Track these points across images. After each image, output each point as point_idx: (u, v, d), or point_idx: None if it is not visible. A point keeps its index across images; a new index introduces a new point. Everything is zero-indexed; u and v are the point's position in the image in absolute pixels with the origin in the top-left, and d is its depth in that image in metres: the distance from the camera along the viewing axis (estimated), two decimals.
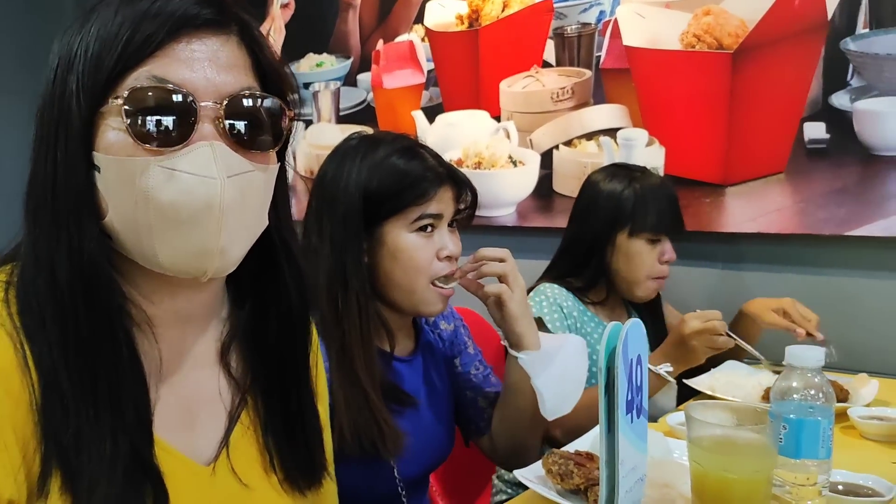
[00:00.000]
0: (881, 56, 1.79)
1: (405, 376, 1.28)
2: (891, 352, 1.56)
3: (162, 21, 0.67)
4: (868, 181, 1.82)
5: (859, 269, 1.86)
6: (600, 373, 0.77)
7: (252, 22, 0.74)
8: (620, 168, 1.74)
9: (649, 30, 2.06)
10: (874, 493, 1.05)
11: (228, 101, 0.68)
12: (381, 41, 2.52)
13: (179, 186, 0.66)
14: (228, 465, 0.77)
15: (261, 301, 0.80)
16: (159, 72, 0.66)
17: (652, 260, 1.67)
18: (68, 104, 0.67)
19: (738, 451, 0.91)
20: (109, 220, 0.68)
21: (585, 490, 1.06)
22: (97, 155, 0.67)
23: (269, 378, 0.81)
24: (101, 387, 0.66)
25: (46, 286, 0.67)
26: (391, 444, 1.15)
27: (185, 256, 0.68)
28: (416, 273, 1.19)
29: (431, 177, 1.19)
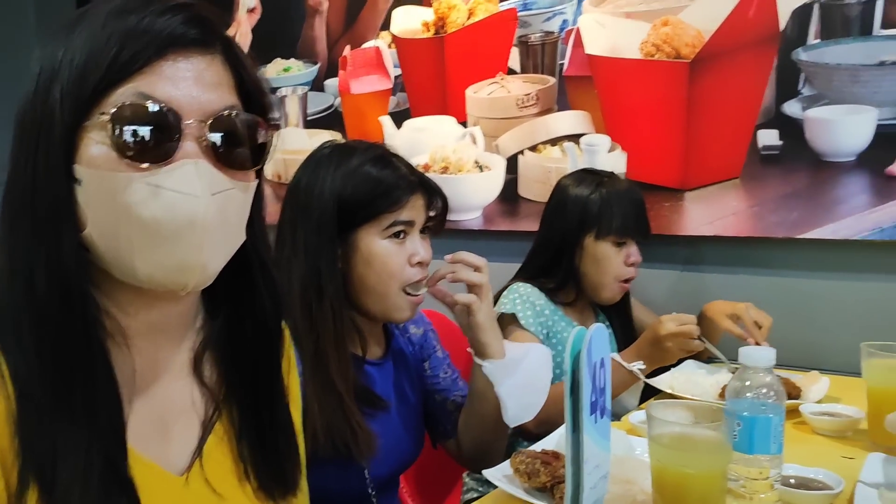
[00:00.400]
0: (831, 66, 1.86)
1: (376, 380, 1.30)
2: (841, 350, 1.63)
3: (150, 39, 0.67)
4: (818, 186, 1.89)
5: (810, 270, 1.93)
6: (566, 375, 0.81)
7: (234, 41, 0.75)
8: (589, 173, 1.79)
9: (610, 39, 2.11)
10: (824, 486, 1.09)
11: (212, 119, 0.69)
12: (349, 47, 2.54)
13: (163, 203, 0.66)
14: (202, 475, 0.77)
15: (235, 311, 0.81)
16: (146, 89, 0.67)
17: (618, 262, 1.72)
18: (51, 113, 0.67)
19: (695, 448, 0.95)
20: (88, 233, 0.68)
21: (552, 488, 1.10)
22: (78, 168, 0.67)
23: (243, 388, 0.81)
24: (75, 398, 0.66)
25: (23, 296, 0.67)
26: (364, 445, 1.18)
27: (165, 271, 0.69)
28: (389, 278, 1.22)
29: (404, 185, 1.23)
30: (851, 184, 1.85)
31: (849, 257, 1.89)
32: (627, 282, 1.75)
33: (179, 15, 0.69)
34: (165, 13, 0.69)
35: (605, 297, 1.76)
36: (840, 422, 1.41)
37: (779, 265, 1.97)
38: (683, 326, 1.52)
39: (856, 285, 1.88)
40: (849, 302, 1.88)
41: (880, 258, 1.86)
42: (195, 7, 0.72)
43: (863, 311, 1.85)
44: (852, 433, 1.39)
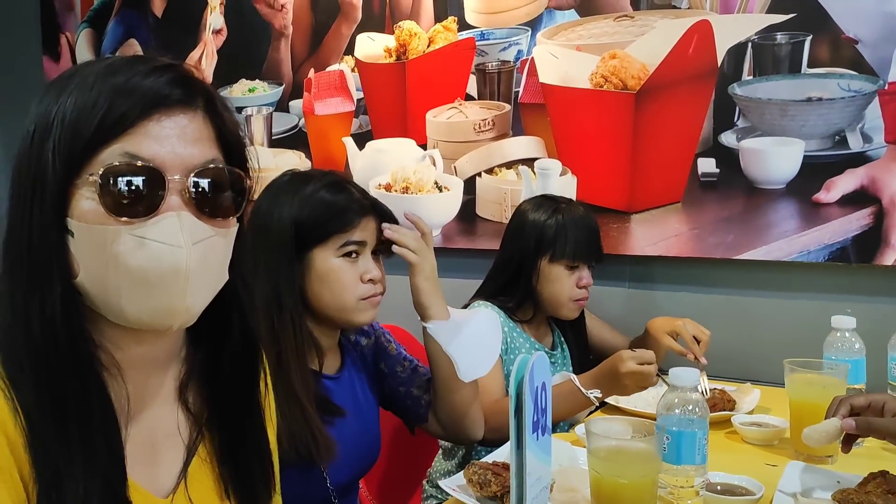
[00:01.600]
0: (763, 100, 2.00)
1: (334, 392, 1.38)
2: (772, 362, 1.73)
3: (136, 100, 0.72)
4: (752, 211, 2.02)
5: (745, 288, 2.06)
6: (511, 399, 0.92)
7: (215, 95, 0.80)
8: (547, 199, 1.89)
9: (562, 69, 2.22)
10: (747, 492, 1.20)
11: (194, 173, 0.74)
12: (313, 70, 2.61)
13: (148, 253, 0.71)
14: (186, 496, 0.82)
15: (215, 344, 0.86)
16: (131, 148, 0.71)
17: (570, 284, 1.81)
18: (44, 171, 0.71)
19: (628, 460, 1.05)
20: (81, 279, 0.73)
21: (501, 496, 1.19)
22: (71, 221, 0.72)
23: (222, 412, 0.87)
24: (72, 430, 0.71)
25: (22, 338, 0.71)
26: (323, 450, 1.26)
27: (152, 315, 0.74)
28: (342, 293, 1.32)
29: (356, 207, 1.33)
30: (782, 209, 1.99)
31: (779, 277, 2.02)
32: (581, 301, 1.86)
33: (164, 77, 0.74)
34: (150, 74, 0.74)
35: (563, 314, 1.86)
36: (767, 432, 1.52)
37: (717, 283, 2.10)
38: (643, 367, 1.54)
39: (786, 303, 2.02)
40: (780, 318, 2.02)
41: (808, 278, 2.00)
42: (178, 68, 0.77)
43: (791, 327, 1.98)
44: (778, 442, 1.50)
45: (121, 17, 2.97)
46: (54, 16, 3.13)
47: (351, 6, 2.54)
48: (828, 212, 1.95)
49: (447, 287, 2.34)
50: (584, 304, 1.88)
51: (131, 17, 2.93)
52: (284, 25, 2.65)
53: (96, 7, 3.03)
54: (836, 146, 1.94)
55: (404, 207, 1.43)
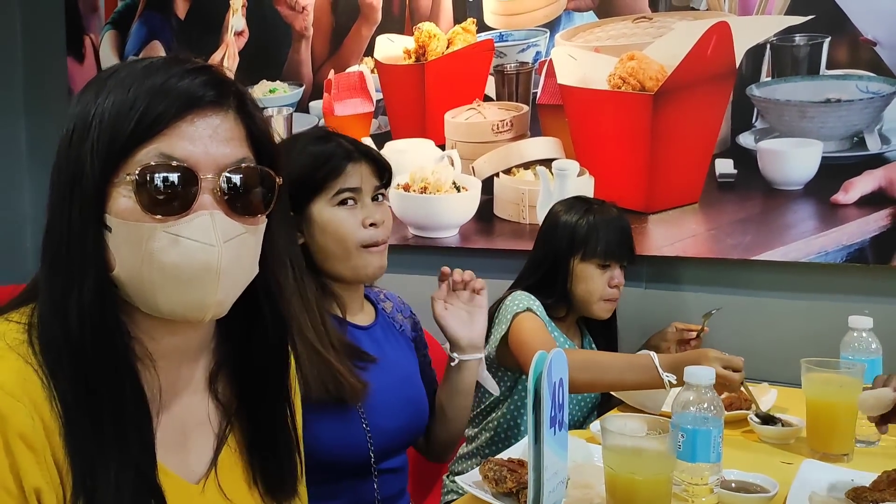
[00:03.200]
0: (781, 102, 2.00)
1: (363, 341, 1.37)
2: (788, 363, 1.72)
3: (171, 101, 0.75)
4: (770, 212, 2.02)
5: (762, 289, 2.07)
6: (529, 394, 0.93)
7: (247, 95, 0.83)
8: (580, 200, 1.93)
9: (580, 71, 2.23)
10: (762, 490, 1.20)
11: (226, 173, 0.77)
12: (333, 71, 2.64)
13: (182, 251, 0.75)
14: (216, 483, 0.85)
15: (245, 336, 0.89)
16: (166, 149, 0.75)
17: (602, 283, 1.84)
18: (82, 170, 0.74)
19: (643, 457, 1.05)
20: (117, 273, 0.76)
21: (517, 492, 1.20)
22: (109, 217, 0.75)
23: (251, 404, 0.90)
24: (105, 418, 0.74)
25: (61, 329, 0.74)
26: (350, 388, 1.25)
27: (184, 308, 0.77)
28: (345, 240, 1.32)
29: (342, 153, 1.32)
30: (800, 210, 1.99)
31: (797, 278, 2.02)
32: (612, 301, 1.88)
33: (197, 79, 0.78)
34: (185, 76, 0.77)
35: (594, 313, 1.89)
36: (783, 430, 1.52)
37: (734, 284, 2.10)
38: (726, 373, 1.50)
39: (803, 304, 2.02)
40: (797, 319, 2.01)
41: (825, 279, 2.00)
42: (211, 69, 0.80)
43: (808, 328, 1.98)
44: (795, 441, 1.50)
45: (144, 19, 3.01)
46: (79, 18, 3.18)
47: (371, 8, 2.56)
48: (846, 213, 1.95)
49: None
50: (615, 304, 1.90)
51: (155, 19, 2.98)
52: (305, 27, 2.68)
53: (120, 9, 3.07)
54: (854, 147, 1.94)
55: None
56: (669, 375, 1.54)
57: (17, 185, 3.29)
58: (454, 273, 1.46)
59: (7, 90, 3.29)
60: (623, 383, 1.61)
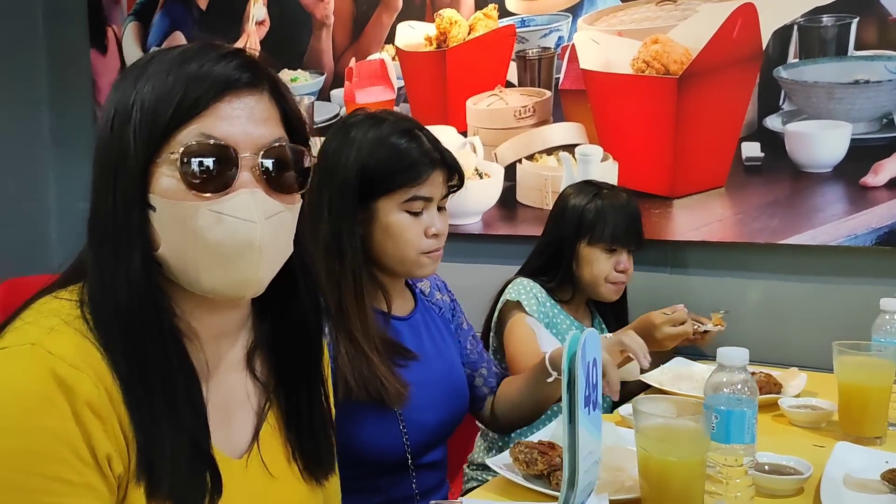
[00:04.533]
0: (809, 83, 1.98)
1: (404, 334, 1.36)
2: (817, 348, 1.72)
3: (209, 85, 0.78)
4: (797, 195, 2.00)
5: (790, 273, 2.04)
6: (563, 373, 0.93)
7: (278, 78, 0.86)
8: (589, 184, 1.93)
9: (603, 55, 2.22)
10: (795, 472, 1.20)
11: (264, 151, 0.80)
12: (354, 59, 2.64)
13: (225, 228, 0.77)
14: (258, 458, 0.89)
15: (281, 315, 0.92)
16: (207, 129, 0.78)
17: (608, 267, 1.85)
18: (126, 152, 0.77)
19: (677, 439, 1.05)
20: (161, 252, 0.79)
21: (548, 475, 1.21)
22: (153, 197, 0.78)
23: (289, 382, 0.93)
24: (157, 393, 0.77)
25: (112, 308, 0.77)
26: (394, 393, 1.24)
27: (226, 285, 0.80)
28: (406, 247, 1.30)
29: (426, 161, 1.28)
30: (828, 193, 1.96)
31: (826, 262, 2.00)
32: (619, 284, 1.87)
33: (233, 62, 0.81)
34: (220, 60, 0.80)
35: (603, 295, 1.89)
36: (814, 414, 1.51)
37: (761, 269, 2.08)
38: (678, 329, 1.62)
39: (832, 288, 1.99)
40: (826, 303, 1.99)
41: (855, 263, 1.97)
42: (244, 54, 0.84)
43: (838, 312, 1.96)
44: (826, 424, 1.50)
45: (166, 10, 3.02)
46: (101, 9, 3.20)
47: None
48: (875, 195, 1.92)
49: (487, 273, 2.36)
50: (621, 287, 1.89)
51: (177, 10, 2.99)
52: (326, 15, 2.67)
53: (142, 0, 3.09)
54: (883, 129, 1.91)
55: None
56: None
57: (42, 177, 3.32)
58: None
59: (30, 82, 3.32)
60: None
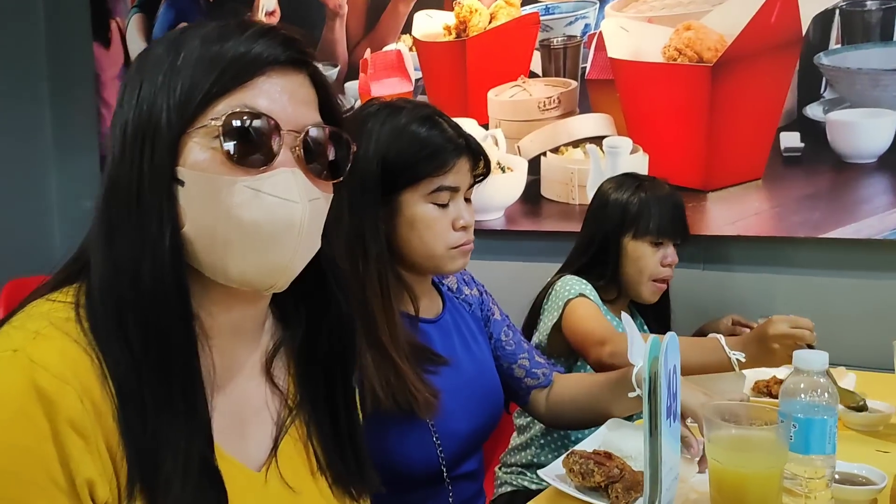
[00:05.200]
0: (853, 70, 1.90)
1: (433, 337, 1.29)
2: (863, 346, 1.67)
3: (252, 57, 0.73)
4: (840, 187, 1.93)
5: (832, 269, 1.98)
6: (644, 382, 0.85)
7: (317, 64, 0.80)
8: (630, 177, 1.85)
9: (633, 43, 2.14)
10: (868, 482, 1.12)
11: (305, 132, 0.74)
12: (369, 50, 2.56)
13: (263, 206, 0.71)
14: (277, 471, 0.81)
15: (312, 320, 0.85)
16: (248, 101, 0.72)
17: (654, 262, 1.77)
18: (157, 122, 0.71)
19: (752, 449, 0.98)
20: (186, 231, 0.72)
21: (605, 487, 1.14)
22: (182, 170, 0.71)
23: (317, 394, 0.86)
24: (175, 394, 0.70)
25: (129, 292, 0.70)
26: (424, 404, 1.16)
27: (257, 271, 0.73)
28: (434, 241, 1.21)
29: (450, 148, 1.20)
30: (873, 185, 1.89)
31: (871, 256, 1.93)
32: (664, 282, 1.80)
33: (276, 38, 0.75)
34: (263, 36, 0.74)
35: (644, 295, 1.81)
36: (872, 417, 1.44)
37: (801, 264, 2.01)
38: (796, 330, 1.44)
39: (877, 283, 1.93)
40: (870, 299, 1.93)
41: None
42: (287, 30, 0.77)
43: (884, 308, 1.90)
44: (884, 427, 1.43)
45: (171, 2, 2.94)
46: (104, 1, 3.11)
47: None
48: None
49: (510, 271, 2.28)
50: (663, 287, 1.82)
51: (182, 1, 2.90)
52: (339, 5, 2.59)
53: None
54: None
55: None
56: (737, 353, 1.45)
57: (44, 174, 3.25)
58: None
59: (32, 77, 3.24)
60: (687, 363, 1.50)
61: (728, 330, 1.91)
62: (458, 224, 1.23)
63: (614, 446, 1.23)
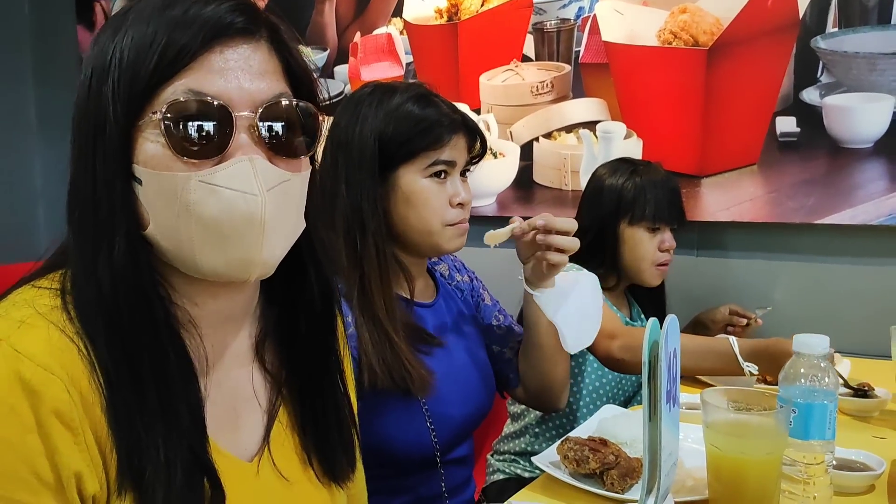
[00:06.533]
0: (849, 54, 1.88)
1: (428, 320, 1.29)
2: (858, 332, 1.66)
3: (195, 31, 0.67)
4: (836, 172, 1.92)
5: (827, 254, 1.96)
6: (644, 365, 0.83)
7: (281, 25, 0.74)
8: (624, 162, 1.82)
9: (627, 26, 2.12)
10: (866, 468, 1.12)
11: (263, 109, 0.69)
12: (359, 34, 2.52)
13: (220, 202, 0.67)
14: (270, 461, 0.79)
15: (290, 301, 0.82)
16: (195, 85, 0.67)
17: (653, 248, 1.75)
18: (104, 116, 0.67)
19: (751, 434, 0.96)
20: (151, 230, 0.69)
21: (601, 474, 1.12)
22: (137, 168, 0.68)
23: (301, 375, 0.83)
24: (150, 391, 0.67)
25: (95, 294, 0.68)
26: (418, 382, 1.17)
27: (227, 266, 0.70)
28: (431, 216, 1.22)
29: (447, 123, 1.21)
30: (869, 170, 1.88)
31: (866, 242, 1.92)
32: (664, 266, 1.78)
33: (224, 5, 0.69)
34: (209, 4, 0.69)
35: (647, 280, 1.79)
36: (868, 402, 1.43)
37: (796, 250, 2.00)
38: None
39: (872, 269, 1.91)
40: (865, 285, 1.91)
41: None
42: None
43: (879, 295, 1.88)
44: (879, 414, 1.42)
45: None
46: None
47: None
48: None
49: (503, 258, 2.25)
50: (666, 269, 1.80)
51: None
52: None
53: None
54: None
55: None
56: (750, 365, 1.43)
57: (28, 160, 3.20)
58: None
59: (15, 61, 3.19)
60: (699, 369, 1.52)
61: (725, 320, 1.89)
62: (454, 200, 1.23)
63: (609, 433, 1.21)
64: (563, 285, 1.30)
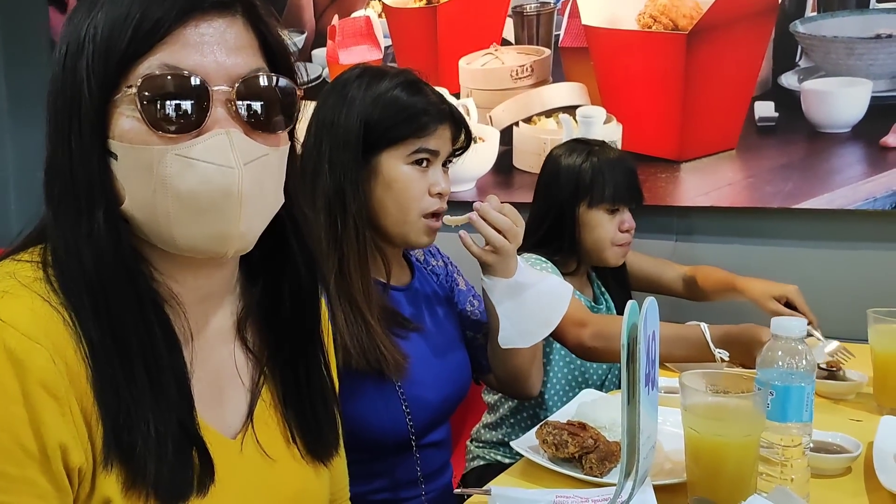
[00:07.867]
0: (828, 38, 1.89)
1: (403, 304, 1.29)
2: (835, 316, 1.67)
3: (170, 4, 0.67)
4: (814, 157, 1.92)
5: (805, 239, 1.98)
6: (623, 348, 0.82)
7: (256, 1, 0.74)
8: (579, 143, 1.80)
9: (607, 10, 2.11)
10: (843, 450, 1.13)
11: (240, 83, 0.69)
12: (337, 16, 2.49)
13: (197, 175, 0.67)
14: (254, 438, 0.79)
15: (273, 278, 0.82)
16: (170, 59, 0.67)
17: (613, 229, 1.73)
18: (79, 91, 0.67)
19: (729, 417, 0.97)
20: (127, 206, 0.69)
21: (580, 458, 1.12)
22: (113, 142, 0.68)
23: (283, 353, 0.83)
24: (137, 365, 0.67)
25: (77, 269, 0.68)
26: (393, 364, 1.17)
27: (204, 241, 0.70)
28: (409, 203, 1.22)
29: (434, 112, 1.22)
30: (846, 155, 1.89)
31: (843, 226, 1.93)
32: (625, 246, 1.77)
33: None
34: None
35: (610, 261, 1.77)
36: (844, 385, 1.44)
37: (774, 235, 2.01)
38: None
39: (850, 254, 1.93)
40: (842, 269, 1.93)
41: (874, 227, 1.91)
42: None
43: (856, 279, 1.90)
44: (855, 396, 1.44)
45: None
46: None
47: None
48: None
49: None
50: (628, 248, 1.79)
51: None
52: None
53: None
54: None
55: None
56: (721, 352, 1.43)
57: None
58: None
59: None
60: (671, 356, 1.52)
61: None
62: (433, 189, 1.23)
63: (588, 417, 1.20)
64: (522, 280, 1.29)
